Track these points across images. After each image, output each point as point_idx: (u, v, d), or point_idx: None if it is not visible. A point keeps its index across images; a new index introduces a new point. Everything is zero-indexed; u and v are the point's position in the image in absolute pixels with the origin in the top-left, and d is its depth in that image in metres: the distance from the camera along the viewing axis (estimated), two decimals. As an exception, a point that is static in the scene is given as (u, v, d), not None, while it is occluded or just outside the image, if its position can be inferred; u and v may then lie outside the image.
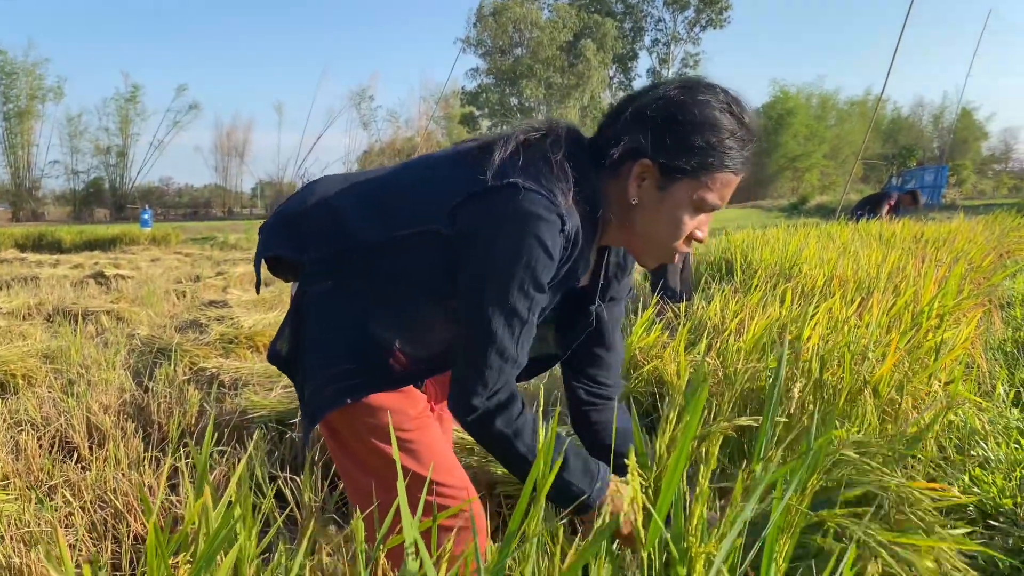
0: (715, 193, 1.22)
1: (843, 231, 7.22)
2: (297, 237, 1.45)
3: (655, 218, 1.24)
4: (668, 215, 1.23)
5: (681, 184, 1.21)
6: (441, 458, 1.42)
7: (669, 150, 1.20)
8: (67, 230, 18.86)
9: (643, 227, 1.27)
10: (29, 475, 2.81)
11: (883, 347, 2.39)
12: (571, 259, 1.26)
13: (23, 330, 5.42)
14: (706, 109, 1.20)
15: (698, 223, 1.25)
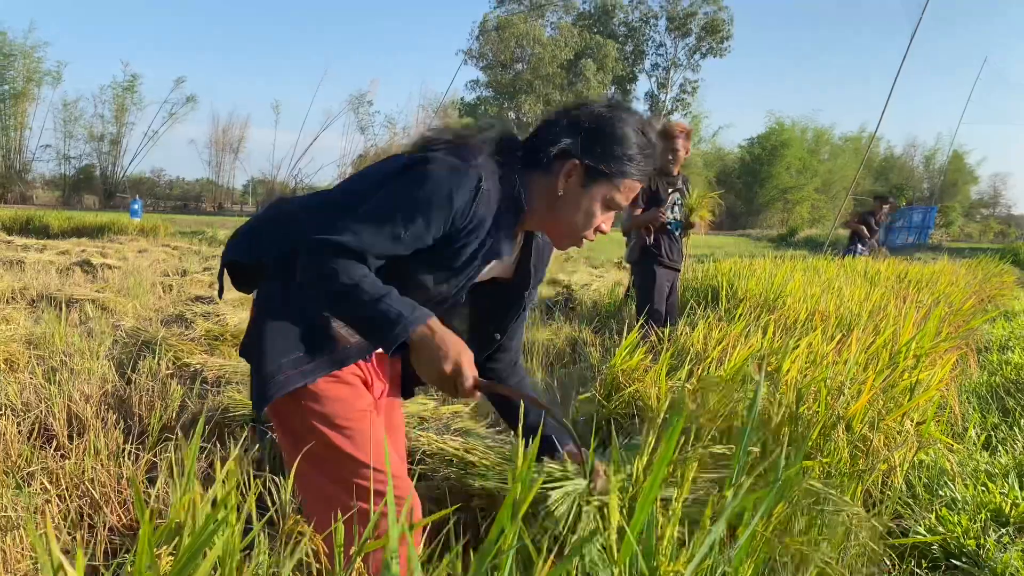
0: (622, 195, 1.51)
1: (829, 266, 7.31)
2: (257, 244, 1.62)
3: (575, 210, 1.50)
4: (586, 208, 1.50)
5: (599, 184, 1.48)
6: (379, 448, 1.52)
7: (595, 155, 1.46)
8: (55, 215, 18.73)
9: (564, 216, 1.52)
10: (7, 461, 2.81)
11: (859, 384, 2.44)
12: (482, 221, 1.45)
13: (6, 314, 5.40)
14: (627, 127, 1.48)
15: (606, 218, 1.54)
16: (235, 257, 1.63)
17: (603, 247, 16.93)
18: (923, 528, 2.22)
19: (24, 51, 45.80)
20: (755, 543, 0.92)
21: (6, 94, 46.00)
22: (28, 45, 45.96)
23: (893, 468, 2.31)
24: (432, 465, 2.51)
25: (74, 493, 2.53)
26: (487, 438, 2.73)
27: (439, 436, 2.70)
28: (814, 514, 1.47)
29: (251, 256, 1.61)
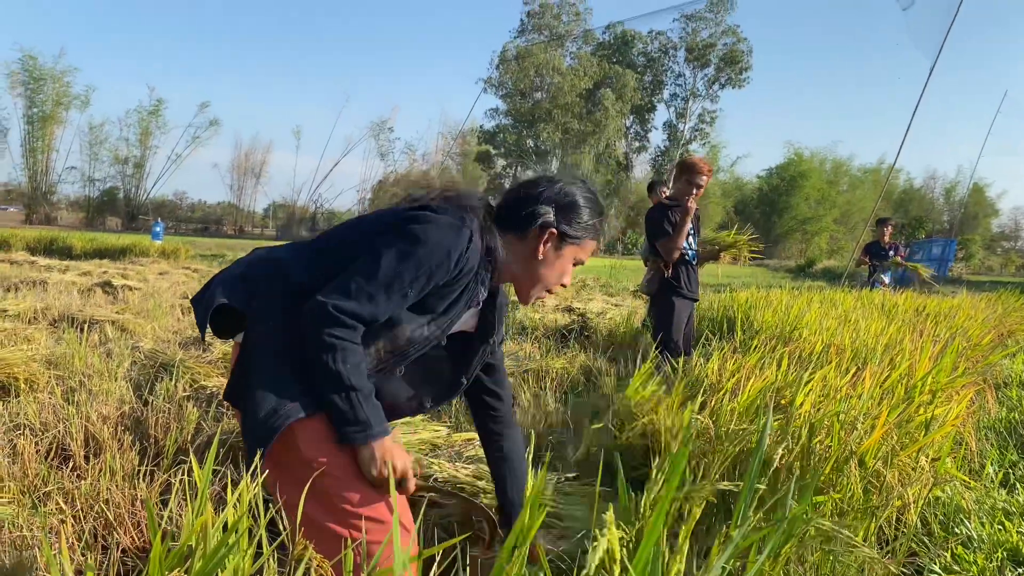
0: (585, 253, 1.82)
1: (846, 299, 7.27)
2: (245, 290, 1.69)
3: (551, 269, 1.78)
4: (560, 268, 1.79)
5: (570, 247, 1.77)
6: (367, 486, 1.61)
7: (568, 225, 1.75)
8: (78, 236, 18.99)
9: (541, 274, 1.78)
10: (24, 480, 2.84)
11: (873, 419, 2.42)
12: (471, 272, 1.67)
13: (28, 334, 5.46)
14: (586, 199, 1.78)
15: (566, 275, 1.82)
16: (232, 302, 1.66)
17: (620, 275, 16.91)
18: (938, 567, 2.20)
19: (54, 75, 46.70)
20: (760, 579, 0.92)
21: (35, 117, 46.85)
22: (58, 70, 46.89)
23: (908, 505, 2.29)
24: (444, 492, 2.52)
25: (89, 514, 2.55)
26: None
27: (451, 463, 2.71)
28: (823, 553, 1.46)
29: (244, 303, 1.67)
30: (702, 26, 51.78)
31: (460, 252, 1.61)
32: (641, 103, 52.35)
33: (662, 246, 4.74)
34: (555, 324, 7.72)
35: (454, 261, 1.60)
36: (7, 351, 4.35)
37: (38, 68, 46.05)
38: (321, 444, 1.58)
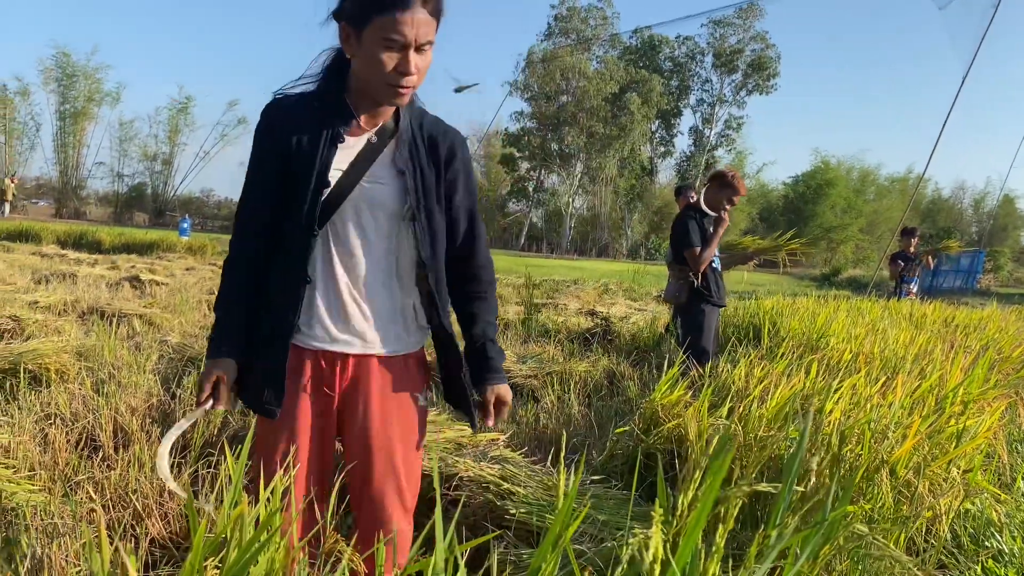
0: (386, 30, 1.48)
1: (873, 308, 7.19)
2: None
3: (365, 63, 1.54)
4: (369, 57, 1.52)
5: (366, 33, 1.50)
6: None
7: (350, 11, 1.53)
8: (107, 231, 19.24)
9: (364, 74, 1.56)
10: (55, 469, 2.88)
11: (904, 428, 2.40)
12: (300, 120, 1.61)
13: (58, 325, 5.55)
14: None
15: (397, 62, 1.51)
16: None
17: (643, 280, 16.86)
18: (968, 580, 2.17)
19: (87, 72, 47.31)
20: (800, 583, 0.91)
21: (67, 113, 47.48)
22: (91, 67, 47.54)
23: (938, 516, 2.27)
24: (470, 491, 2.52)
25: (118, 503, 2.58)
26: (524, 467, 2.73)
27: (476, 463, 2.71)
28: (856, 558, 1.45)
29: None
30: (730, 32, 51.49)
31: (261, 126, 1.67)
32: (667, 108, 52.12)
33: (691, 255, 4.70)
34: (578, 328, 7.71)
35: (258, 128, 1.67)
36: (38, 342, 4.41)
37: (71, 64, 46.66)
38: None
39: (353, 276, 1.66)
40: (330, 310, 1.66)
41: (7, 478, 2.66)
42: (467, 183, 1.74)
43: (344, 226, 1.65)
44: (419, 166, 1.66)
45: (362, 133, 1.65)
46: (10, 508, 2.46)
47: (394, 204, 1.65)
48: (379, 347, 1.69)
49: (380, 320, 1.68)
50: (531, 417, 4.00)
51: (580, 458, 1.05)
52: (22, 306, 6.46)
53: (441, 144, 1.69)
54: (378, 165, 1.64)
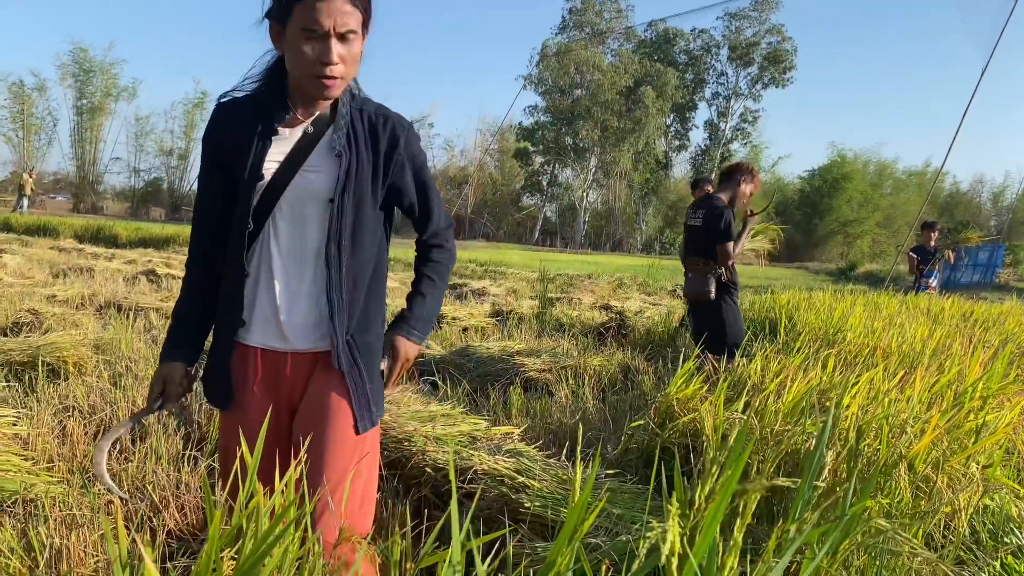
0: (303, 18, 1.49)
1: (890, 302, 7.14)
2: None
3: (292, 57, 1.55)
4: (294, 50, 1.53)
5: (289, 25, 1.52)
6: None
7: (275, 8, 1.55)
8: (124, 226, 19.40)
9: (294, 68, 1.56)
10: (73, 460, 2.91)
11: (922, 423, 2.37)
12: (241, 120, 1.63)
13: (76, 319, 5.59)
14: None
15: (318, 52, 1.51)
16: None
17: (658, 274, 16.81)
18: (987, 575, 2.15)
19: (103, 67, 47.65)
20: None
21: (84, 108, 47.85)
22: (107, 62, 47.87)
23: (957, 512, 2.24)
24: (484, 484, 2.52)
25: (136, 495, 2.60)
26: (538, 461, 2.73)
27: (491, 456, 2.71)
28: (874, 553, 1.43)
29: None
30: (746, 24, 51.15)
31: (208, 128, 1.68)
32: (682, 101, 51.85)
33: (723, 249, 4.70)
34: (592, 322, 7.70)
35: (206, 138, 1.68)
36: (57, 335, 4.45)
37: (88, 60, 47.03)
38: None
39: (289, 271, 1.64)
40: (268, 307, 1.65)
41: (26, 469, 2.69)
42: (414, 165, 1.73)
43: (283, 220, 1.63)
44: (356, 150, 1.64)
45: (299, 124, 1.65)
46: (29, 499, 2.48)
47: (325, 191, 1.62)
48: (313, 345, 1.66)
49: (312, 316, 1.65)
50: (545, 411, 4.00)
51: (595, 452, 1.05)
52: (40, 300, 6.52)
53: (382, 130, 1.67)
54: (315, 154, 1.63)
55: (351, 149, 1.63)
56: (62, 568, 2.02)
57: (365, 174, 1.64)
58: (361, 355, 1.66)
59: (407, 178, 1.72)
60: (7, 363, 4.08)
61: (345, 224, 1.62)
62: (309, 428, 1.64)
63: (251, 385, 1.68)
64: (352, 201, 1.62)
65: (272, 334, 1.65)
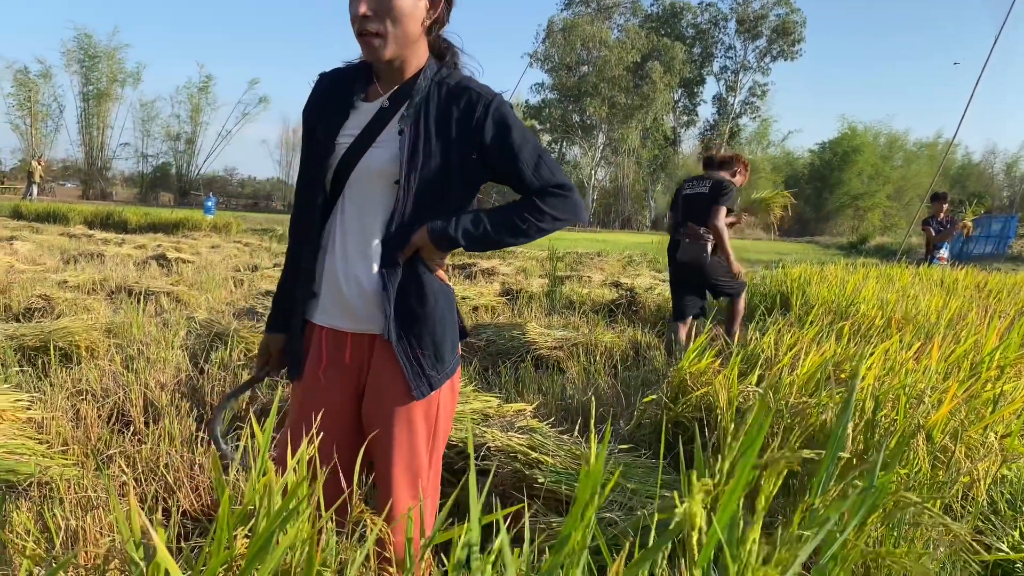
0: None
1: (903, 274, 7.08)
2: None
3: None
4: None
5: None
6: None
7: None
8: (133, 211, 19.41)
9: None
10: (87, 443, 2.91)
11: (939, 393, 2.35)
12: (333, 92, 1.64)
13: (88, 304, 5.61)
14: None
15: (354, 9, 1.48)
16: None
17: (667, 251, 16.73)
18: (1006, 545, 2.13)
19: (108, 53, 47.62)
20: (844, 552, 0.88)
21: (90, 94, 47.88)
22: (112, 47, 47.84)
23: (975, 481, 2.22)
24: (498, 460, 2.51)
25: (150, 477, 2.60)
26: (551, 437, 2.72)
27: (504, 433, 2.70)
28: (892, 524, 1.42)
29: None
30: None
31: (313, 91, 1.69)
32: (690, 76, 51.40)
33: (717, 210, 4.86)
34: (602, 299, 7.67)
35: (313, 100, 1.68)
36: (69, 320, 4.46)
37: (93, 46, 47.02)
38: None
39: (350, 250, 1.61)
40: (333, 284, 1.62)
41: (41, 453, 2.70)
42: (496, 136, 1.58)
43: (351, 195, 1.60)
44: (423, 127, 1.56)
45: (378, 98, 1.61)
46: (44, 482, 2.49)
47: (389, 169, 1.56)
48: (372, 326, 1.62)
49: (373, 296, 1.60)
50: (557, 388, 3.98)
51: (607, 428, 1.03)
52: (52, 286, 6.54)
53: (457, 105, 1.58)
54: (385, 130, 1.58)
55: (417, 126, 1.56)
56: (77, 548, 2.02)
57: (434, 152, 1.56)
58: (413, 323, 1.60)
59: (489, 151, 1.59)
60: (20, 348, 4.09)
61: (408, 204, 1.57)
62: (373, 413, 1.65)
63: (320, 366, 1.67)
64: (417, 180, 1.56)
65: (336, 312, 1.63)
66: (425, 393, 1.61)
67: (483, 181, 1.66)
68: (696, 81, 53.62)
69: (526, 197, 1.63)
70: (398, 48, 1.53)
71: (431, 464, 1.71)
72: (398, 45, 1.52)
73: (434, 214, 1.59)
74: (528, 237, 1.62)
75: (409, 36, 1.54)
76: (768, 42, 50.67)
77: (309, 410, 1.63)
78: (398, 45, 1.52)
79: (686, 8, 52.83)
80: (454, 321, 1.70)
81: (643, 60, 47.27)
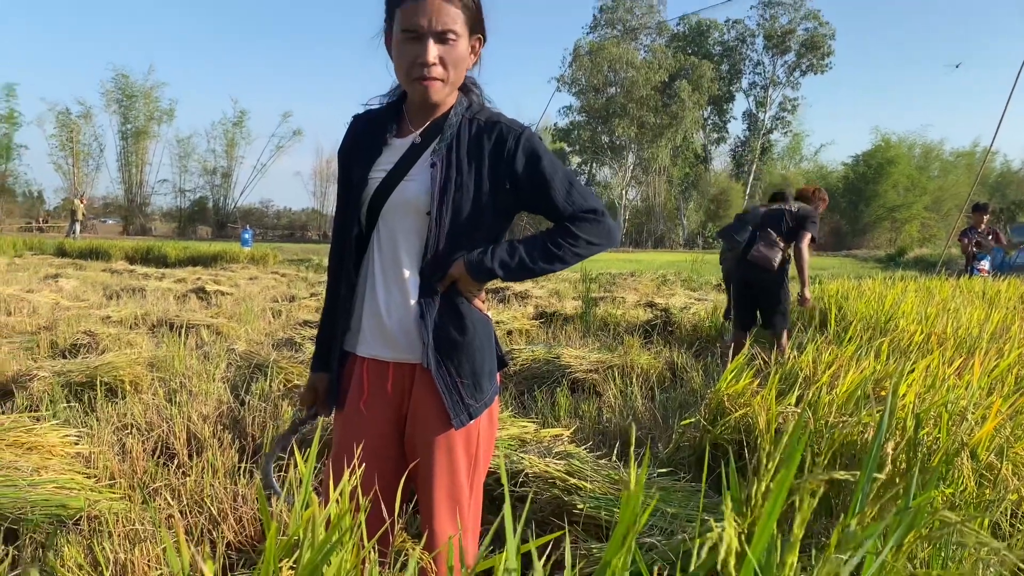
0: (406, 21, 1.53)
1: (943, 287, 6.96)
2: None
3: (395, 62, 1.60)
4: (398, 53, 1.57)
5: (396, 32, 1.56)
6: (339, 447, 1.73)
7: (386, 19, 1.61)
8: (172, 245, 19.80)
9: (397, 74, 1.62)
10: (133, 476, 2.97)
11: (983, 409, 2.31)
12: (366, 131, 1.70)
13: (130, 338, 5.72)
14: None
15: (416, 52, 1.53)
16: None
17: (702, 269, 16.63)
18: (1059, 565, 2.08)
19: (144, 92, 48.88)
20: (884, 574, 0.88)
21: (129, 132, 49.12)
22: (148, 86, 49.10)
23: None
24: (536, 487, 2.52)
25: (194, 509, 2.64)
26: (589, 462, 2.71)
27: (541, 459, 2.70)
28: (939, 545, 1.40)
29: None
30: (781, 12, 50.49)
31: (346, 136, 1.76)
32: (719, 93, 51.32)
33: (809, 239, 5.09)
34: (637, 320, 7.64)
35: (346, 142, 1.75)
36: (114, 355, 4.56)
37: (130, 85, 48.33)
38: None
39: (389, 281, 1.64)
40: (372, 315, 1.66)
41: (90, 487, 2.76)
42: (526, 168, 1.61)
43: (386, 229, 1.64)
44: (455, 160, 1.60)
45: (410, 135, 1.65)
46: (93, 516, 2.55)
47: (422, 201, 1.60)
48: (412, 355, 1.64)
49: (412, 325, 1.63)
50: (594, 412, 3.98)
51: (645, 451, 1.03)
52: (96, 321, 6.69)
53: (487, 138, 1.61)
54: (417, 164, 1.62)
55: (449, 159, 1.60)
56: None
57: (466, 184, 1.60)
58: (451, 352, 1.63)
59: (521, 181, 1.62)
60: (68, 384, 4.19)
61: (442, 235, 1.60)
62: (415, 442, 1.67)
63: (361, 397, 1.70)
64: (450, 211, 1.59)
65: (377, 343, 1.66)
66: (464, 422, 1.63)
67: (515, 212, 1.69)
68: (725, 98, 53.53)
69: (559, 224, 1.65)
70: (450, 90, 1.61)
71: (472, 492, 1.72)
72: (451, 88, 1.60)
73: (467, 244, 1.62)
74: (564, 263, 1.64)
75: (460, 80, 1.62)
76: (797, 56, 50.47)
77: (351, 441, 1.65)
78: (451, 88, 1.60)
79: (712, 26, 52.89)
80: (492, 350, 1.72)
81: (671, 79, 47.32)
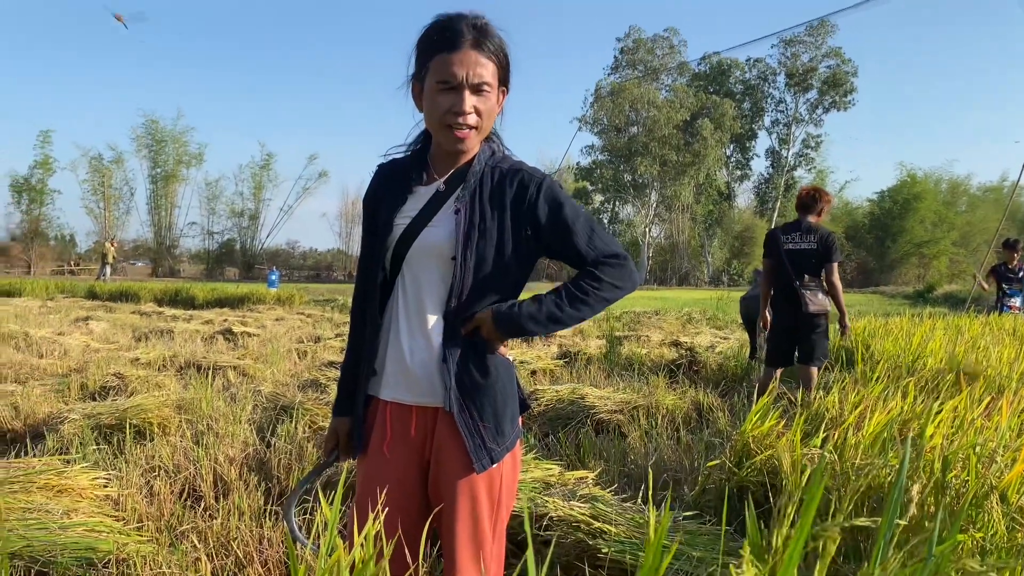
0: (439, 73, 1.58)
1: (972, 324, 6.88)
2: None
3: (427, 112, 1.64)
4: (430, 103, 1.61)
5: (428, 82, 1.60)
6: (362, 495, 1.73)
7: (416, 68, 1.65)
8: (200, 287, 20.07)
9: (427, 123, 1.67)
10: (161, 519, 3.00)
11: (1013, 452, 2.28)
12: (391, 179, 1.75)
13: (159, 380, 5.80)
14: (420, 33, 1.65)
15: (451, 102, 1.58)
16: None
17: (727, 307, 16.54)
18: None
19: (174, 136, 50.03)
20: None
21: (158, 176, 50.19)
22: (177, 131, 50.25)
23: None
24: (560, 531, 2.51)
25: (221, 552, 2.66)
26: (614, 505, 2.70)
27: (565, 502, 2.69)
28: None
29: None
30: (802, 50, 50.69)
31: (371, 185, 1.80)
32: (741, 131, 51.44)
33: (837, 269, 5.10)
34: (662, 359, 7.61)
35: (365, 199, 1.82)
36: (142, 397, 4.63)
37: (159, 130, 49.53)
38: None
39: (413, 326, 1.67)
40: (396, 359, 1.69)
41: (118, 530, 2.79)
42: (548, 215, 1.66)
43: (410, 274, 1.68)
44: (478, 206, 1.64)
45: (434, 182, 1.70)
46: (122, 559, 2.57)
47: (446, 246, 1.63)
48: (435, 399, 1.66)
49: (435, 369, 1.65)
50: (619, 453, 3.96)
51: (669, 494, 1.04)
52: (125, 363, 6.79)
53: (509, 186, 1.66)
54: (442, 211, 1.67)
55: (472, 206, 1.64)
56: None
57: (489, 230, 1.64)
58: (474, 395, 1.65)
59: (544, 228, 1.66)
60: (97, 426, 4.25)
61: (467, 280, 1.64)
62: (437, 485, 1.68)
63: (384, 441, 1.71)
64: (474, 257, 1.63)
65: (400, 387, 1.68)
66: (486, 466, 1.64)
67: (537, 257, 1.72)
68: (748, 136, 53.62)
69: (583, 270, 1.69)
70: (480, 140, 1.66)
71: (495, 536, 1.72)
72: (480, 137, 1.65)
73: (491, 289, 1.65)
74: (591, 308, 1.67)
75: (489, 130, 1.67)
76: (819, 94, 50.55)
77: (375, 485, 1.66)
78: (480, 137, 1.65)
79: (734, 65, 53.20)
80: (514, 393, 1.74)
81: (693, 118, 47.56)
